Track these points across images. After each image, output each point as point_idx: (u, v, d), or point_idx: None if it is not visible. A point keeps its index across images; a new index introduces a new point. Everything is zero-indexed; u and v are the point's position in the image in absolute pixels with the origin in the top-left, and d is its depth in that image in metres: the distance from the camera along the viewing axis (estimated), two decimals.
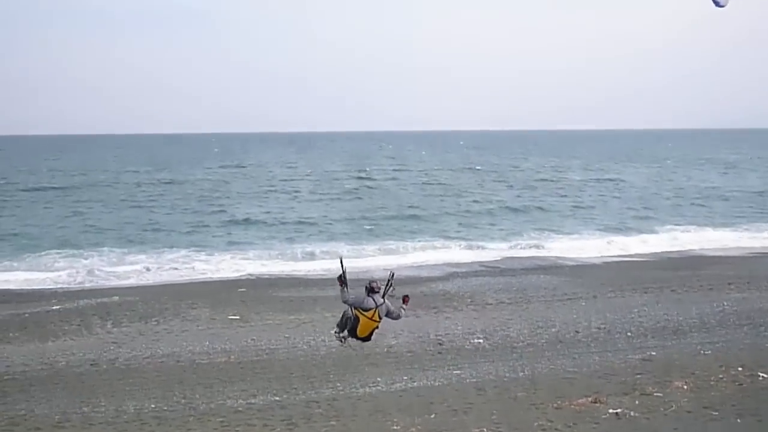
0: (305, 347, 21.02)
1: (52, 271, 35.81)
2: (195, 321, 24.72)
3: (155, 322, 24.54)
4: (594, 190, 74.97)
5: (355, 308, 10.21)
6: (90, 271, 35.36)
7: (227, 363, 19.74)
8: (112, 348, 21.48)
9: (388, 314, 10.36)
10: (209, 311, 25.92)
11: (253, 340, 21.78)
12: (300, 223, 51.74)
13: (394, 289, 10.28)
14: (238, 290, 30.24)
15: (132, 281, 33.47)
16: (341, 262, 10.56)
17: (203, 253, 40.47)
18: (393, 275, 10.35)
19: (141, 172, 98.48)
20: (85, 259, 38.68)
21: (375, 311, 9.88)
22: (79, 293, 30.16)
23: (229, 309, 25.99)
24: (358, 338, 10.62)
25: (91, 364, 19.77)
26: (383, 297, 10.34)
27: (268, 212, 57.02)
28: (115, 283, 32.97)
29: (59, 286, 32.36)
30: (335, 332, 10.89)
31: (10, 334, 23.17)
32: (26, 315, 25.90)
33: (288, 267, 36.82)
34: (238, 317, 24.85)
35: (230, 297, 28.64)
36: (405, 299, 10.60)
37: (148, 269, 36.03)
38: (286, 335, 22.38)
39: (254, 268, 36.43)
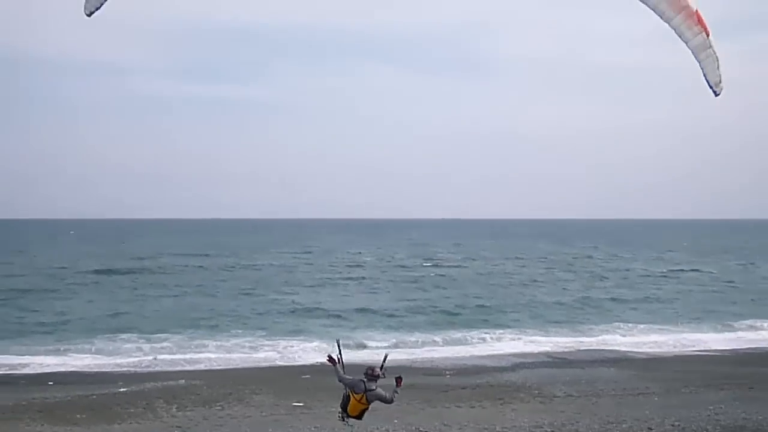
0: None
1: (119, 354, 36.32)
2: (258, 407, 24.59)
3: (219, 407, 24.47)
4: (666, 281, 73.52)
5: (349, 389, 10.32)
6: (156, 355, 35.74)
7: None
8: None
9: (380, 399, 10.71)
10: (273, 398, 25.79)
11: (316, 428, 21.48)
12: (364, 311, 51.58)
13: (385, 370, 10.25)
14: (302, 377, 30.05)
15: (197, 366, 33.55)
16: (338, 344, 10.69)
17: (267, 339, 40.54)
18: (386, 357, 10.76)
19: (210, 256, 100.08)
20: (152, 342, 39.09)
21: (363, 395, 10.06)
22: (144, 376, 30.37)
23: (292, 396, 25.81)
24: (350, 416, 10.93)
25: None
26: (377, 380, 10.51)
27: (333, 300, 57.06)
28: (180, 367, 33.10)
29: (125, 369, 32.67)
30: (338, 412, 10.85)
31: (77, 416, 23.34)
32: (93, 397, 26.11)
33: (352, 355, 36.49)
34: (301, 404, 24.64)
35: (294, 384, 28.47)
36: (398, 381, 10.65)
37: (213, 354, 36.32)
38: (350, 423, 22.03)
39: (318, 356, 36.24)
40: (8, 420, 22.95)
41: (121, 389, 27.48)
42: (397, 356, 35.27)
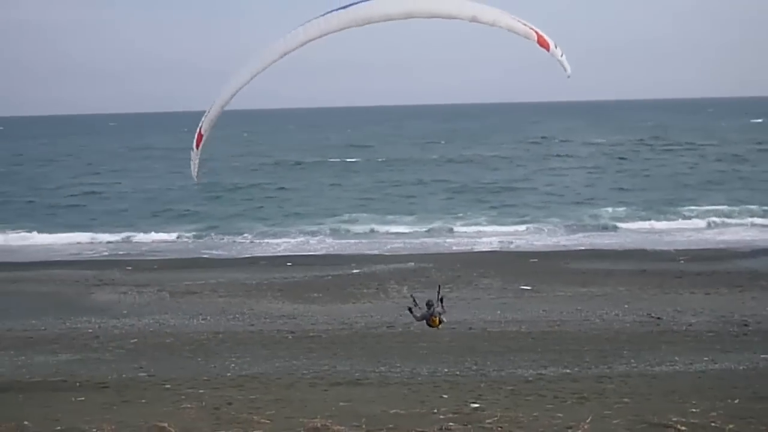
0: (598, 321, 20.44)
1: (352, 237, 38.10)
2: (486, 290, 24.94)
3: (448, 290, 24.94)
4: None
5: (427, 319, 13.27)
6: (385, 239, 37.12)
7: (518, 333, 19.65)
8: (407, 312, 22.14)
9: (440, 314, 13.21)
10: (500, 281, 26.04)
11: (544, 311, 21.54)
12: (593, 197, 50.51)
13: (443, 296, 13.21)
14: (530, 261, 30.05)
15: (424, 249, 34.35)
16: (412, 297, 13.48)
17: (489, 224, 40.86)
18: (440, 287, 13.52)
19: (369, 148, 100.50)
20: (379, 226, 40.53)
21: (431, 317, 13.11)
22: (375, 258, 31.54)
23: (520, 279, 25.92)
24: (437, 325, 13.39)
25: (388, 327, 20.53)
26: (438, 303, 13.23)
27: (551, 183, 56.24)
28: (408, 251, 33.98)
29: (357, 252, 34.01)
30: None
31: (314, 295, 24.76)
32: (328, 278, 27.52)
33: (580, 239, 36.07)
34: (529, 288, 24.70)
35: (521, 267, 28.54)
36: (442, 301, 13.32)
37: (440, 239, 37.26)
38: (578, 308, 21.90)
39: (543, 240, 36.11)
40: (253, 297, 24.81)
41: (354, 271, 28.76)
42: (625, 240, 34.50)
